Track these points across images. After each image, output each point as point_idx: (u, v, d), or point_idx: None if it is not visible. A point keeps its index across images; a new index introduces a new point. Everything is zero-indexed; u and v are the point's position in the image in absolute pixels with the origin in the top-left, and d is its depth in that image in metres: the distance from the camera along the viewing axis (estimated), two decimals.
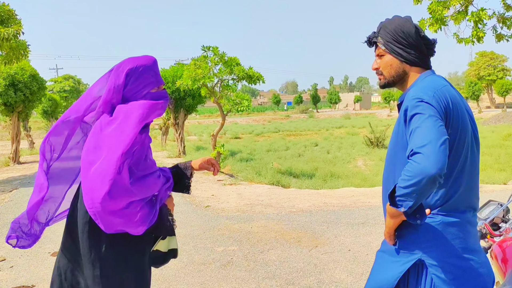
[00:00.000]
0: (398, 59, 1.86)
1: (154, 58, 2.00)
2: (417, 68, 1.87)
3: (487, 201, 2.65)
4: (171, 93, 15.22)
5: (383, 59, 1.90)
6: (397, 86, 1.93)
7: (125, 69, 1.91)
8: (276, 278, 4.27)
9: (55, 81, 45.00)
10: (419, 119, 1.64)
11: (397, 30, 1.83)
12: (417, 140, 1.59)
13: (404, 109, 1.74)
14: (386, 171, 1.92)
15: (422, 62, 1.86)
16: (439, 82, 1.79)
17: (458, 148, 1.74)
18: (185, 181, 2.20)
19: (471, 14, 10.61)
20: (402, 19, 1.86)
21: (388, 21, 1.88)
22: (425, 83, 1.78)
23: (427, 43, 1.84)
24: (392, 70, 1.88)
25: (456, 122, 1.72)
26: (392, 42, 1.84)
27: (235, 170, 12.58)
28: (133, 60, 1.95)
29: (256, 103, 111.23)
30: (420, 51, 1.84)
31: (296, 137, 30.82)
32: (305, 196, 8.45)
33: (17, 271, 4.70)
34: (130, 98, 1.92)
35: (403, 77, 1.89)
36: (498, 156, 15.53)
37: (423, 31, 1.84)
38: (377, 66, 1.92)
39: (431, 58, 1.90)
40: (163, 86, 2.03)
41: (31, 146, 21.27)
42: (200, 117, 59.83)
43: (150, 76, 1.95)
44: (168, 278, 4.35)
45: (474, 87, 47.01)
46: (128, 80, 1.91)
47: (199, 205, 7.76)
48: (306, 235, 5.63)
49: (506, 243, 2.33)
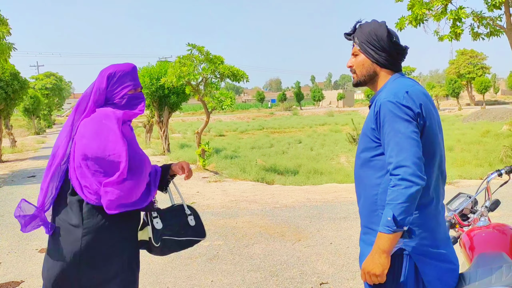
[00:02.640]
0: (370, 60, 2.00)
1: (133, 65, 2.33)
2: (387, 70, 2.01)
3: (457, 194, 2.84)
4: (155, 90, 15.23)
5: (357, 58, 2.04)
6: (368, 85, 2.08)
7: (106, 73, 2.26)
8: (261, 270, 4.42)
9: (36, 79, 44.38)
10: (393, 123, 1.80)
11: (371, 33, 1.97)
12: (397, 153, 1.77)
13: (376, 111, 1.88)
14: (357, 171, 2.05)
15: (392, 65, 2.01)
16: (408, 83, 1.94)
17: (429, 146, 1.90)
18: (166, 178, 2.46)
19: (450, 12, 10.92)
20: (377, 23, 2.00)
21: (365, 24, 2.02)
22: (395, 85, 1.93)
23: (398, 49, 1.99)
24: (364, 70, 2.03)
25: (428, 120, 1.87)
26: (366, 44, 1.99)
27: (220, 168, 12.69)
28: (114, 66, 2.30)
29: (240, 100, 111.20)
30: (391, 55, 1.98)
31: (280, 135, 31.06)
32: (288, 192, 8.62)
33: (5, 268, 4.76)
34: (111, 98, 2.27)
35: (373, 78, 2.03)
36: (477, 152, 15.94)
37: (395, 37, 1.98)
38: (351, 64, 2.07)
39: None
40: (139, 89, 2.34)
41: (13, 145, 21.02)
42: (184, 114, 59.65)
43: (128, 80, 2.28)
44: (156, 272, 4.47)
45: (454, 85, 47.89)
46: (109, 82, 2.25)
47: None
48: (289, 230, 5.80)
49: (474, 232, 2.51)
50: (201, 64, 11.18)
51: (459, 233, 2.67)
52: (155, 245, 2.30)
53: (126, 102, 2.25)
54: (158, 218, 2.32)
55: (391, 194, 1.75)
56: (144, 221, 2.35)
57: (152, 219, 2.31)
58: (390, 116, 1.81)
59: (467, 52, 54.35)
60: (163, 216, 2.35)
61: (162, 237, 2.31)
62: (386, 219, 1.76)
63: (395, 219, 1.73)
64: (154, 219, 2.31)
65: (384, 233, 1.77)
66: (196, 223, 2.46)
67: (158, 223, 2.31)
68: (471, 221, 2.63)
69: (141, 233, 2.33)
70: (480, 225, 2.55)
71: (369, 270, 1.82)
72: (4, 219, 6.82)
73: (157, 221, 2.31)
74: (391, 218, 1.74)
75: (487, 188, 2.69)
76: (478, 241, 2.43)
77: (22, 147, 21.29)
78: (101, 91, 2.24)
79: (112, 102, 2.25)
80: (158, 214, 2.34)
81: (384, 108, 1.83)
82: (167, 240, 2.33)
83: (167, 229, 2.33)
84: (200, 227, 2.47)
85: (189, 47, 11.04)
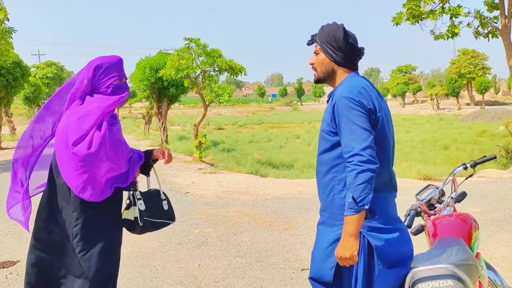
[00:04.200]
0: (328, 58, 2.20)
1: (119, 57, 2.51)
2: (344, 68, 2.21)
3: (427, 185, 3.03)
4: (154, 82, 15.39)
5: (318, 57, 2.24)
6: (327, 82, 2.28)
7: (94, 64, 2.44)
8: (246, 256, 4.62)
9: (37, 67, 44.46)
10: (348, 116, 2.01)
11: (330, 34, 2.17)
12: (352, 142, 1.97)
13: (332, 104, 2.09)
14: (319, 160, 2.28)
15: (348, 64, 2.20)
16: (363, 82, 2.15)
17: (381, 138, 2.11)
18: (148, 162, 2.67)
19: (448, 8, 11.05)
20: (336, 25, 2.19)
21: (326, 25, 2.22)
22: (350, 82, 2.13)
23: (353, 49, 2.18)
24: (323, 68, 2.22)
25: (379, 115, 2.09)
26: (325, 43, 2.18)
27: (216, 160, 12.89)
28: (101, 58, 2.47)
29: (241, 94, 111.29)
30: (347, 54, 2.18)
31: (279, 129, 31.23)
32: (281, 185, 8.82)
33: (2, 248, 4.96)
34: (97, 87, 2.44)
35: (331, 75, 2.23)
36: (472, 151, 16.14)
37: (352, 39, 2.17)
38: (312, 62, 2.27)
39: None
40: (124, 80, 2.53)
41: (12, 132, 21.23)
42: (184, 107, 59.80)
43: (114, 71, 2.46)
44: (146, 256, 4.67)
45: (454, 84, 47.93)
46: (95, 73, 2.42)
47: (179, 192, 8.07)
48: (278, 220, 6.00)
49: (438, 220, 2.71)
50: (199, 57, 11.34)
51: (427, 221, 2.86)
52: (140, 224, 2.50)
53: (111, 91, 2.44)
54: (141, 200, 2.53)
55: (349, 178, 1.95)
56: (130, 202, 2.55)
57: (137, 201, 2.51)
58: (345, 110, 2.02)
59: (469, 52, 54.36)
60: (143, 199, 2.56)
61: (143, 217, 2.52)
62: (348, 202, 1.95)
63: (355, 200, 1.93)
64: (138, 200, 2.52)
65: (349, 215, 1.95)
66: (168, 208, 2.68)
67: (141, 205, 2.53)
68: (437, 210, 2.82)
69: (126, 212, 2.54)
70: (444, 214, 2.75)
71: (341, 256, 2.00)
72: (2, 204, 7.02)
73: (141, 202, 2.53)
74: (352, 200, 1.93)
75: (453, 181, 2.88)
76: (440, 228, 2.62)
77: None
78: (88, 81, 2.41)
79: (99, 91, 2.43)
80: (142, 197, 2.55)
81: (339, 103, 2.04)
82: (146, 221, 2.55)
83: (146, 210, 2.55)
84: (171, 212, 2.73)
85: (186, 41, 11.20)
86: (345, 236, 1.99)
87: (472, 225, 2.60)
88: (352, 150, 1.96)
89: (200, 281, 4.03)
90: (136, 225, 2.51)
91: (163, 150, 2.65)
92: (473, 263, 2.09)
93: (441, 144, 18.42)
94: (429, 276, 1.98)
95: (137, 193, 2.55)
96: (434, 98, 48.52)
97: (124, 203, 2.61)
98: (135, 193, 2.54)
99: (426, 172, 9.61)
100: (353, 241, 1.97)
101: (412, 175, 9.82)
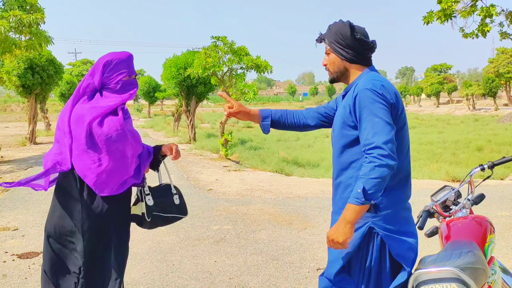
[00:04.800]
0: (339, 58, 2.15)
1: (129, 53, 2.50)
2: (356, 65, 2.16)
3: (443, 186, 2.93)
4: (183, 80, 15.56)
5: (329, 57, 2.19)
6: (341, 81, 2.23)
7: (103, 61, 2.43)
8: (263, 254, 4.61)
9: (73, 65, 45.74)
10: (371, 108, 1.95)
11: (337, 32, 2.12)
12: (374, 135, 1.92)
13: (353, 96, 2.03)
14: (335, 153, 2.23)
15: (360, 60, 2.15)
16: (382, 77, 2.10)
17: (400, 134, 2.06)
18: (157, 158, 2.67)
19: (480, 9, 10.69)
20: (342, 23, 2.14)
21: (333, 24, 2.17)
22: (370, 76, 2.08)
23: (363, 44, 2.12)
24: (335, 67, 2.18)
25: (399, 111, 2.04)
26: (334, 43, 2.14)
27: (242, 158, 12.93)
28: (111, 54, 2.47)
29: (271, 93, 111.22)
30: (357, 51, 2.12)
31: None
32: (305, 183, 8.76)
33: (28, 239, 5.12)
34: (106, 83, 2.45)
35: (345, 73, 2.19)
36: (506, 153, 15.59)
37: (360, 34, 2.11)
38: (325, 63, 2.22)
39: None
40: (134, 76, 2.51)
41: (47, 128, 21.92)
42: (215, 105, 60.32)
43: (123, 67, 2.45)
44: (164, 251, 4.73)
45: (491, 84, 46.41)
46: (105, 69, 2.43)
47: (202, 188, 8.13)
48: (297, 218, 5.96)
49: (453, 222, 2.62)
50: (226, 55, 11.40)
51: (441, 223, 2.78)
52: (147, 220, 2.53)
53: (121, 87, 2.44)
54: (150, 196, 2.55)
55: (365, 169, 1.91)
56: (138, 197, 2.58)
57: (145, 196, 2.54)
58: (369, 102, 1.97)
59: (508, 51, 52.55)
60: (153, 194, 2.57)
61: (152, 212, 2.54)
62: (357, 191, 1.91)
63: (365, 192, 1.89)
64: (146, 196, 2.54)
65: (352, 204, 1.93)
66: (180, 202, 2.68)
67: (150, 200, 2.54)
68: (452, 212, 2.73)
69: (134, 207, 2.58)
70: (459, 216, 2.65)
71: (333, 238, 1.98)
72: (31, 196, 7.26)
73: (149, 198, 2.55)
74: (361, 191, 1.89)
75: (470, 182, 2.78)
76: (454, 231, 2.54)
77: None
78: (97, 76, 2.42)
79: (108, 87, 2.44)
80: (150, 192, 2.57)
81: (362, 95, 1.99)
82: (156, 215, 2.56)
83: (156, 205, 2.56)
84: (183, 206, 2.71)
85: (213, 39, 11.27)
86: (342, 221, 1.97)
87: (488, 228, 2.50)
88: (373, 143, 1.91)
89: (214, 277, 4.04)
90: (144, 220, 2.54)
91: (171, 146, 2.64)
92: (481, 266, 2.01)
93: (474, 146, 17.88)
94: (433, 279, 1.92)
95: (146, 188, 2.57)
96: (470, 98, 47.15)
97: (133, 198, 2.64)
98: (143, 189, 2.56)
99: (455, 173, 9.34)
100: (349, 228, 1.96)
101: (440, 177, 9.57)
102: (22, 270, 4.23)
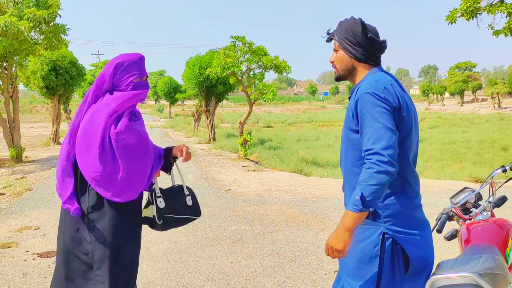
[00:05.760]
0: (348, 55, 2.09)
1: (141, 55, 2.49)
2: (365, 64, 2.10)
3: (463, 188, 2.85)
4: (203, 80, 15.62)
5: (337, 54, 2.14)
6: (348, 79, 2.17)
7: (115, 62, 2.43)
8: (280, 255, 4.57)
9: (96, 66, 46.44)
10: (372, 112, 1.89)
11: (348, 29, 2.06)
12: (374, 141, 1.86)
13: (355, 100, 1.98)
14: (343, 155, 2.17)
15: (369, 59, 2.08)
16: (387, 78, 2.02)
17: (404, 139, 1.99)
18: (168, 160, 2.66)
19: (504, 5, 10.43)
20: (353, 20, 2.09)
21: (344, 21, 2.12)
22: (374, 77, 2.01)
23: (374, 43, 2.06)
24: (343, 65, 2.12)
25: (404, 114, 1.96)
26: (344, 40, 2.08)
27: (262, 158, 12.90)
28: (123, 56, 2.46)
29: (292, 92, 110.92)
30: (367, 49, 2.06)
31: (329, 128, 30.76)
32: (323, 184, 8.68)
33: (48, 238, 5.21)
34: (117, 85, 2.44)
35: (352, 72, 2.13)
36: None
37: (372, 32, 2.05)
38: (333, 60, 2.17)
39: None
40: (145, 78, 2.50)
41: None
42: (235, 105, 60.48)
43: (134, 69, 2.44)
44: (181, 251, 4.74)
45: None
46: (116, 71, 2.42)
47: (220, 188, 8.14)
48: (315, 219, 5.90)
49: (473, 225, 2.54)
50: (244, 55, 11.39)
51: (461, 227, 2.69)
52: (158, 222, 2.52)
53: (132, 89, 2.43)
54: (161, 198, 2.55)
55: (363, 175, 1.86)
56: (148, 200, 2.58)
57: (156, 199, 2.53)
58: (370, 106, 1.91)
59: None
60: (165, 196, 2.57)
61: (164, 214, 2.53)
62: (355, 198, 1.86)
63: (363, 199, 1.84)
64: (157, 198, 2.54)
65: (350, 211, 1.87)
66: (193, 203, 2.67)
67: (161, 202, 2.54)
68: (472, 215, 2.65)
69: (145, 210, 2.57)
70: (479, 219, 2.57)
71: (332, 246, 1.93)
72: (53, 196, 7.38)
73: (160, 200, 2.54)
74: (359, 198, 1.85)
75: (491, 184, 2.69)
76: (474, 234, 2.46)
77: None
78: (108, 77, 2.42)
79: (119, 89, 2.44)
80: (161, 194, 2.56)
81: (363, 99, 1.93)
82: (168, 217, 2.56)
83: (168, 207, 2.55)
84: (196, 207, 2.69)
85: (233, 39, 11.28)
86: (341, 228, 1.91)
87: (509, 232, 2.42)
88: (373, 149, 1.86)
89: (230, 278, 4.03)
90: (155, 223, 2.54)
91: (181, 148, 2.64)
92: (501, 272, 1.93)
93: (499, 145, 17.41)
94: (450, 285, 1.85)
95: (157, 191, 2.56)
96: (495, 96, 46.09)
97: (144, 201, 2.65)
98: (154, 192, 2.56)
99: (478, 174, 9.12)
100: (349, 236, 1.91)
101: (463, 178, 9.36)
102: (42, 269, 4.29)
